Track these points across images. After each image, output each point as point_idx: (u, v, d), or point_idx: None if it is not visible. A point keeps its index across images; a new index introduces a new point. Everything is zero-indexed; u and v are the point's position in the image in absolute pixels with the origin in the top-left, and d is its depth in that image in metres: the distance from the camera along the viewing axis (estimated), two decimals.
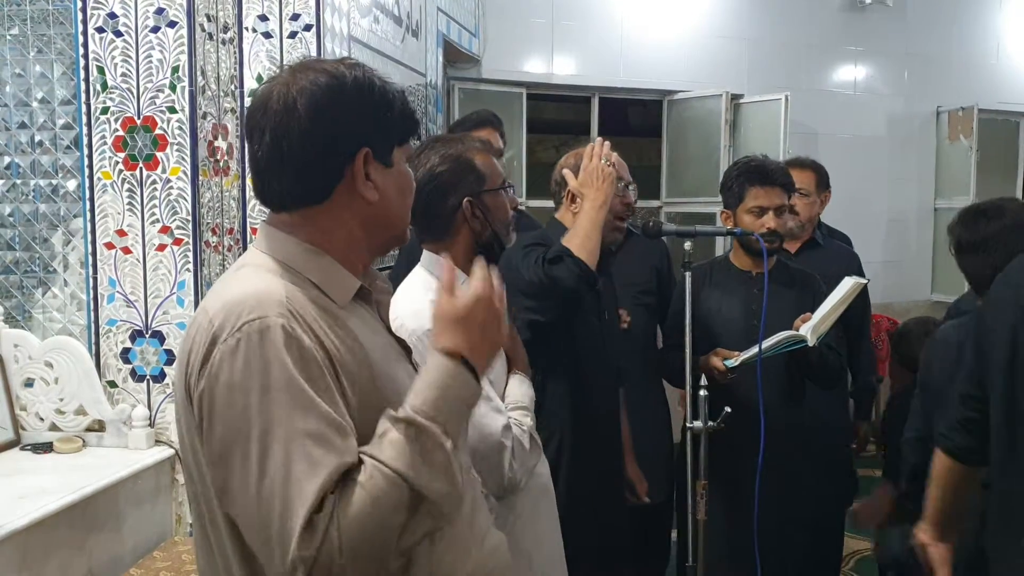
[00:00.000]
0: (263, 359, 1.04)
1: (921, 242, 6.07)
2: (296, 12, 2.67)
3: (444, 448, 1.07)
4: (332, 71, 1.18)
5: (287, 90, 1.16)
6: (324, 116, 1.15)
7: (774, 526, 2.42)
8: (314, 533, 0.99)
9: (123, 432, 2.52)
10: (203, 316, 1.11)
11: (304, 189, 1.18)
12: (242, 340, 1.05)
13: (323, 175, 1.17)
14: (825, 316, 2.39)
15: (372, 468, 1.03)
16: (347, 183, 1.18)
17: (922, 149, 6.01)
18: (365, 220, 1.21)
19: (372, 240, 1.24)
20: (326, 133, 1.16)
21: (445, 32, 4.17)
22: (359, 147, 1.18)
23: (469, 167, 1.76)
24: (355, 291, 1.21)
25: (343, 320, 1.16)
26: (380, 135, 1.20)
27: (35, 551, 2.00)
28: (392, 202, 1.23)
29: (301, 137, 1.15)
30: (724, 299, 2.60)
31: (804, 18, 5.61)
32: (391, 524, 1.03)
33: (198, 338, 1.10)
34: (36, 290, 2.64)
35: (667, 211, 5.50)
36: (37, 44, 2.60)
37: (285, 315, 1.07)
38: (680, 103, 5.41)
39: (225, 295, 1.12)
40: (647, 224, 2.41)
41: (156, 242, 2.53)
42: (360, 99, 1.18)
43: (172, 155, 2.51)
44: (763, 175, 2.52)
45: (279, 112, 1.15)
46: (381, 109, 1.20)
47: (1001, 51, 6.15)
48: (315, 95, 1.15)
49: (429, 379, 1.12)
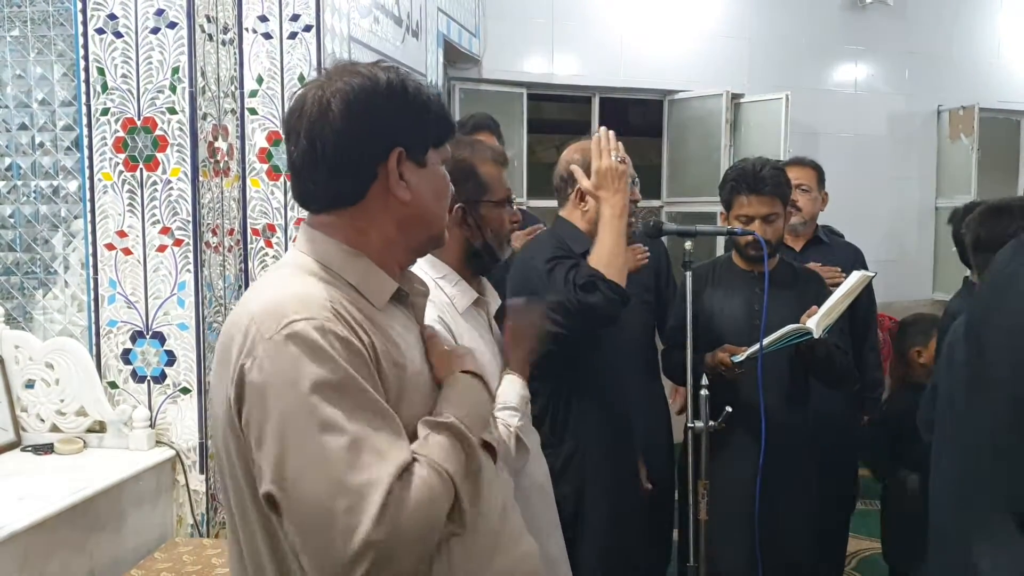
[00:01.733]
0: (314, 355, 1.06)
1: (922, 241, 6.06)
2: (296, 13, 2.66)
3: (478, 456, 1.17)
4: (366, 73, 1.20)
5: (322, 93, 1.18)
6: (357, 116, 1.17)
7: (776, 526, 2.41)
8: (384, 518, 1.02)
9: (124, 433, 2.52)
10: (244, 316, 1.12)
11: (339, 189, 1.20)
12: (290, 337, 1.06)
13: (357, 174, 1.19)
14: (831, 308, 2.38)
15: (428, 464, 1.09)
16: (381, 183, 1.20)
17: (923, 148, 6.01)
18: (401, 220, 1.22)
19: (409, 241, 1.26)
20: (359, 132, 1.17)
21: (445, 32, 4.17)
22: (392, 146, 1.19)
23: (470, 173, 1.75)
24: (391, 294, 1.23)
25: (379, 322, 1.18)
26: (413, 135, 1.22)
27: (36, 552, 2.00)
28: (427, 202, 1.25)
29: (335, 137, 1.17)
30: (727, 298, 2.59)
31: (805, 17, 5.61)
32: (440, 517, 1.09)
33: (238, 337, 1.10)
34: (37, 291, 2.64)
35: (668, 211, 5.51)
36: (37, 46, 2.60)
37: (330, 317, 1.09)
38: (681, 103, 5.41)
39: (267, 296, 1.13)
40: (647, 223, 2.41)
41: (156, 243, 2.53)
42: (393, 99, 1.20)
43: (172, 156, 2.51)
44: (750, 184, 2.48)
45: (313, 114, 1.17)
46: (415, 110, 1.22)
47: (1002, 50, 6.14)
48: (348, 96, 1.17)
49: (458, 393, 1.21)
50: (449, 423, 1.14)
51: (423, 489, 1.06)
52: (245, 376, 1.08)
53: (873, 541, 3.95)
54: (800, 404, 2.54)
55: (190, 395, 2.55)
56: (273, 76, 2.67)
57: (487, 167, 1.79)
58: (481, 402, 1.25)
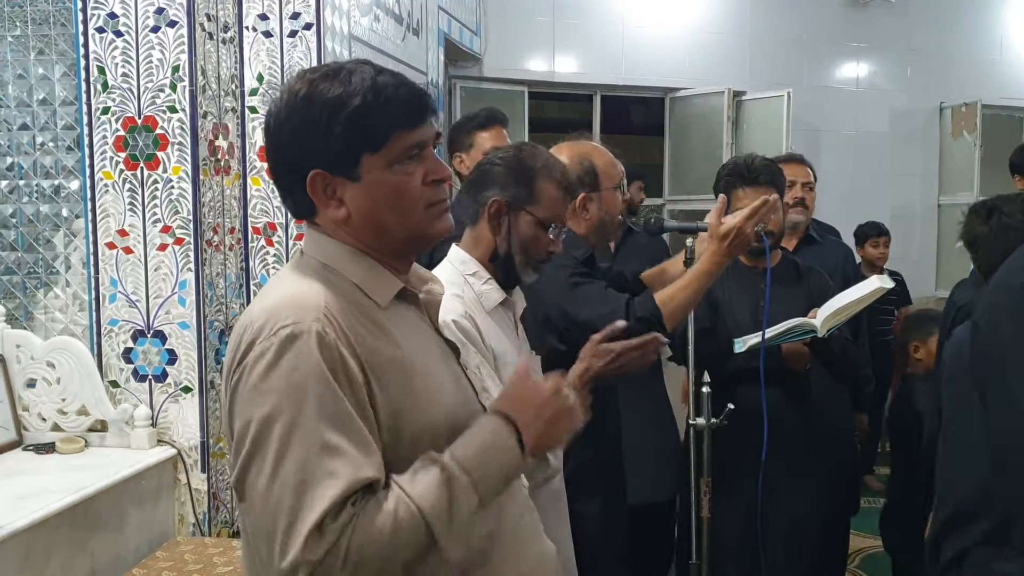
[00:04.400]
0: (294, 364, 1.05)
1: (925, 238, 6.05)
2: (296, 11, 2.66)
3: (470, 503, 1.08)
4: (290, 87, 1.17)
5: (269, 109, 1.20)
6: (274, 142, 1.19)
7: (779, 523, 2.41)
8: (322, 539, 0.99)
9: (125, 432, 2.52)
10: (248, 318, 1.13)
11: (294, 205, 1.21)
12: (275, 344, 1.06)
13: (296, 195, 1.18)
14: (841, 309, 2.35)
15: (399, 498, 1.04)
16: (320, 202, 1.17)
17: (925, 145, 6.00)
18: (359, 233, 1.18)
19: (384, 245, 1.19)
20: (277, 158, 1.19)
21: (446, 31, 4.17)
22: (306, 170, 1.15)
23: (526, 179, 1.71)
24: (396, 292, 1.20)
25: (383, 322, 1.15)
26: (329, 153, 1.14)
27: (37, 551, 2.00)
28: (375, 215, 1.16)
29: (268, 159, 1.21)
30: (731, 296, 2.58)
31: (806, 14, 5.60)
32: (398, 557, 1.03)
33: (236, 338, 1.12)
34: (38, 291, 2.64)
35: (670, 208, 5.50)
36: (38, 45, 2.60)
37: (321, 320, 1.07)
38: (682, 100, 5.40)
39: (268, 299, 1.14)
40: (648, 221, 2.40)
41: (157, 242, 2.53)
42: (304, 117, 1.14)
43: (173, 155, 2.51)
44: (745, 176, 2.48)
45: (266, 130, 1.20)
46: (320, 125, 1.13)
47: (1004, 46, 6.13)
48: (268, 120, 1.19)
49: (478, 434, 1.13)
50: (442, 463, 1.08)
51: (382, 519, 1.02)
52: (233, 377, 1.10)
53: (876, 539, 3.94)
54: (801, 401, 2.53)
55: (191, 394, 2.55)
56: (273, 74, 2.67)
57: (548, 183, 1.73)
58: (500, 448, 1.13)
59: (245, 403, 1.07)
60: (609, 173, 2.23)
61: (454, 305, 1.62)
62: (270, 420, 1.04)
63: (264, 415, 1.04)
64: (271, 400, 1.04)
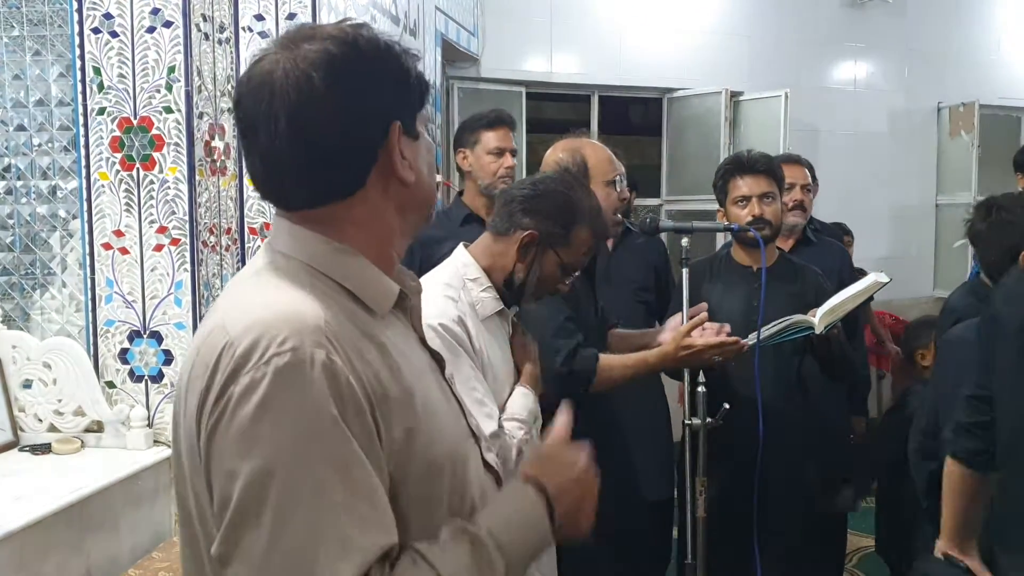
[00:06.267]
0: (295, 402, 0.86)
1: (923, 238, 6.06)
2: (292, 12, 2.67)
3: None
4: (339, 36, 0.98)
5: (294, 66, 0.95)
6: (350, 89, 0.96)
7: (775, 523, 2.41)
8: None
9: (121, 433, 2.52)
10: (220, 334, 0.91)
11: (334, 181, 0.99)
12: (269, 374, 0.86)
13: (356, 161, 0.99)
14: (838, 306, 2.35)
15: (427, 573, 0.89)
16: (381, 166, 1.00)
17: (923, 145, 6.00)
18: (400, 205, 1.03)
19: (407, 226, 1.07)
20: (356, 110, 0.97)
21: (443, 31, 4.17)
22: (391, 121, 0.99)
23: (568, 220, 1.72)
24: (395, 298, 1.04)
25: (382, 339, 0.98)
26: (406, 103, 1.02)
27: (33, 552, 2.00)
28: (424, 179, 1.06)
29: (329, 118, 0.95)
30: (725, 294, 2.59)
31: (804, 15, 5.60)
32: None
33: (210, 359, 0.90)
34: (35, 291, 2.64)
35: (667, 209, 5.50)
36: (34, 46, 2.60)
37: (324, 344, 0.88)
38: (680, 101, 5.41)
39: (249, 313, 0.92)
40: (644, 221, 2.40)
41: (153, 242, 2.53)
42: (379, 63, 1.00)
43: (169, 155, 2.51)
44: (741, 165, 2.54)
45: (292, 92, 0.95)
46: (401, 72, 1.02)
47: (1002, 46, 6.14)
48: (332, 66, 0.95)
49: (512, 506, 1.01)
50: (479, 537, 0.93)
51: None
52: (214, 415, 0.88)
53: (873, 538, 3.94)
54: (796, 400, 2.53)
55: None
56: None
57: (585, 230, 1.75)
58: (534, 528, 1.01)
59: (230, 452, 0.86)
60: (601, 168, 2.23)
61: (445, 307, 1.60)
62: (266, 476, 0.84)
63: (258, 469, 0.84)
64: (267, 450, 0.85)
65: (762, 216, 2.47)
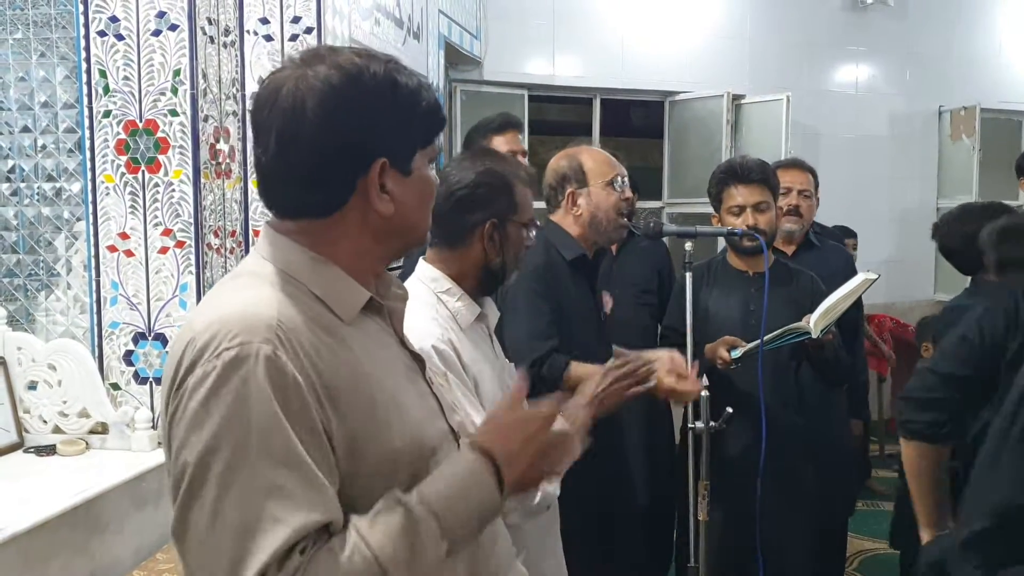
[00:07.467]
0: (237, 392, 0.94)
1: (924, 241, 5.99)
2: (297, 15, 2.67)
3: (437, 552, 0.98)
4: (347, 66, 1.04)
5: (296, 86, 1.03)
6: (336, 121, 1.02)
7: (777, 526, 2.41)
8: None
9: (126, 434, 2.53)
10: (189, 332, 1.00)
11: (311, 201, 1.06)
12: (218, 367, 0.94)
13: (332, 188, 1.05)
14: (830, 308, 2.37)
15: (355, 544, 0.94)
16: (359, 196, 1.06)
17: (924, 148, 6.01)
18: (377, 231, 1.09)
19: (385, 250, 1.13)
20: (337, 141, 1.03)
21: (446, 34, 4.18)
22: (374, 158, 1.05)
23: (507, 190, 1.71)
24: (362, 305, 1.10)
25: (346, 339, 1.04)
26: (399, 141, 1.08)
27: (37, 554, 2.00)
28: (409, 212, 1.10)
29: (310, 144, 1.02)
30: (722, 298, 2.60)
31: (805, 18, 5.61)
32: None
33: (177, 354, 1.00)
34: (39, 293, 2.65)
35: (669, 212, 5.51)
36: (40, 48, 2.61)
37: (272, 341, 0.96)
38: (682, 104, 5.41)
39: (213, 311, 1.01)
40: (648, 225, 2.41)
41: (158, 245, 2.54)
42: (377, 101, 1.05)
43: (174, 158, 2.52)
44: (736, 174, 2.53)
45: (287, 112, 1.02)
46: (402, 111, 1.07)
47: (1003, 50, 6.15)
48: (326, 96, 1.02)
49: (451, 471, 1.04)
50: (407, 505, 0.98)
51: (334, 569, 0.92)
52: (172, 402, 0.98)
53: (875, 541, 3.95)
54: (797, 404, 2.54)
55: None
56: None
57: (522, 187, 1.74)
58: (475, 488, 1.03)
59: (183, 435, 0.95)
60: (600, 170, 2.24)
61: (431, 329, 1.59)
62: (209, 456, 0.93)
63: (203, 450, 0.93)
64: (210, 433, 0.93)
65: (756, 226, 2.47)
